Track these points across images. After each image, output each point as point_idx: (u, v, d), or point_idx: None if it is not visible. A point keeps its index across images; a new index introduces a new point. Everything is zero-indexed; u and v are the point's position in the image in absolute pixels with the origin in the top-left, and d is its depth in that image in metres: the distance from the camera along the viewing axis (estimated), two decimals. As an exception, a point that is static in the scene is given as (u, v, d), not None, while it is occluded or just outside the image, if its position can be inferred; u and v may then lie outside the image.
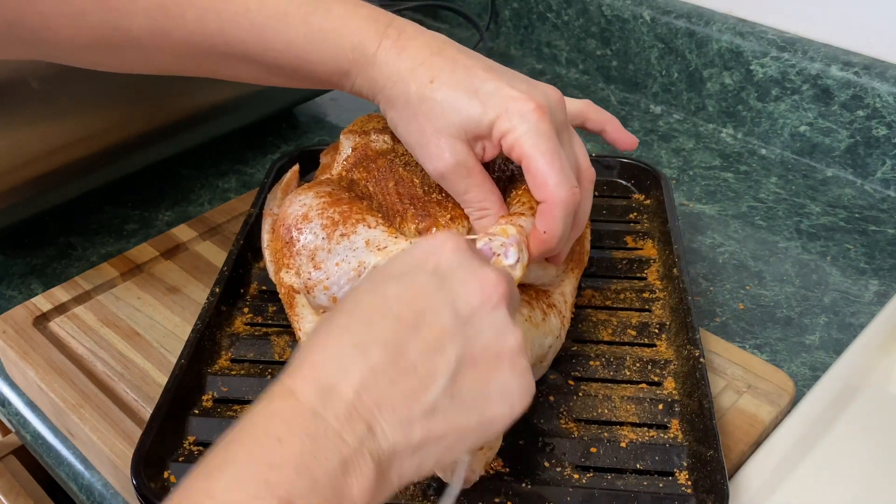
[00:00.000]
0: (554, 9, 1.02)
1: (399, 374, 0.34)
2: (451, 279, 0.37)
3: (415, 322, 0.35)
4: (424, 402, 0.34)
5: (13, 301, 0.70)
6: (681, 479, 0.49)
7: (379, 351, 0.34)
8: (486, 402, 0.36)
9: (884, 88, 0.78)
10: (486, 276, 0.37)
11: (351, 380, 0.33)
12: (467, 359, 0.35)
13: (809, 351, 0.64)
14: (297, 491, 0.30)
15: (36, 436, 0.61)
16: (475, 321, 0.36)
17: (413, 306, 0.35)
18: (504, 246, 0.45)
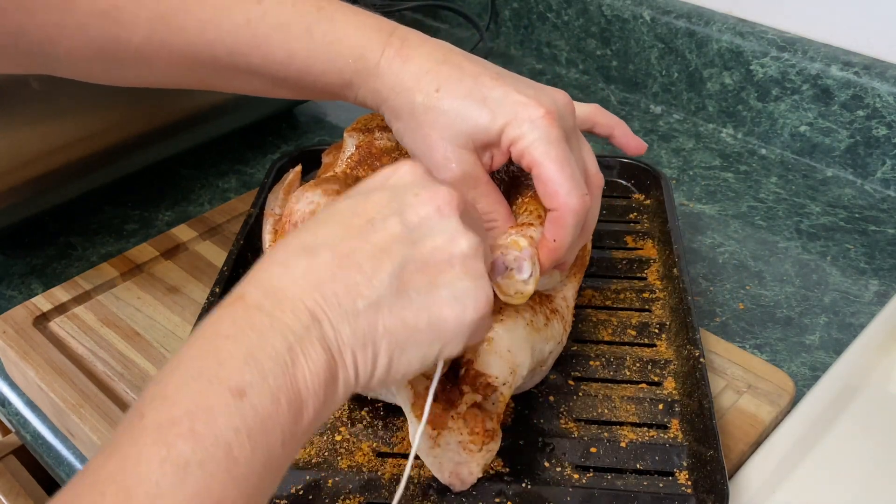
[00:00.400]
0: (554, 9, 1.02)
1: (344, 270, 0.34)
2: (402, 192, 0.38)
3: (362, 227, 0.36)
4: (368, 295, 0.34)
5: (13, 301, 0.70)
6: (681, 479, 0.49)
7: (325, 251, 0.35)
8: (436, 302, 0.36)
9: (884, 88, 0.78)
10: (437, 189, 0.38)
11: (295, 276, 0.34)
12: (415, 259, 0.36)
13: (809, 351, 0.64)
14: (246, 380, 0.31)
15: (36, 436, 0.61)
16: (424, 228, 0.37)
17: (362, 215, 0.37)
18: (517, 260, 0.45)
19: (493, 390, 0.47)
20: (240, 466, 0.30)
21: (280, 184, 0.67)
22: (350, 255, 0.35)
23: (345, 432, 0.52)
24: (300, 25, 0.47)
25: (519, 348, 0.48)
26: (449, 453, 0.47)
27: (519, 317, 0.49)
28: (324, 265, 0.35)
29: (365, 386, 0.36)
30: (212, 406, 0.30)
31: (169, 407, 0.30)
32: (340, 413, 0.53)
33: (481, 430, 0.46)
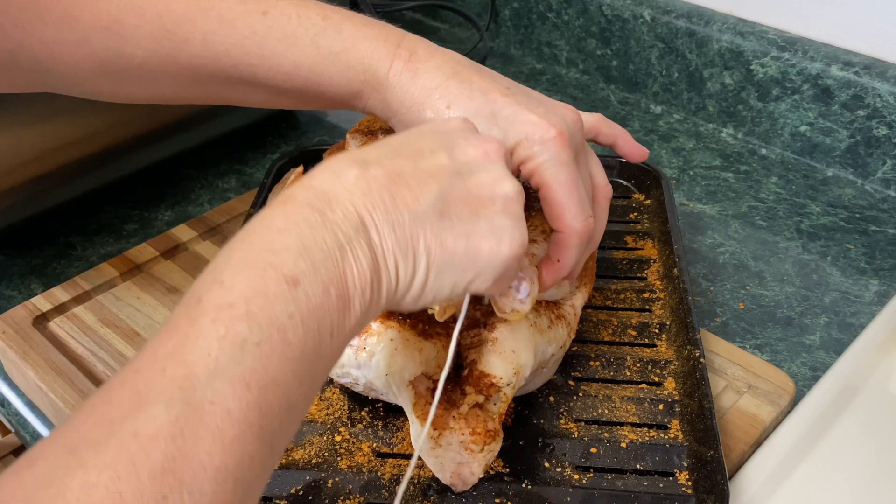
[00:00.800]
0: (554, 8, 1.02)
1: (393, 185, 0.36)
2: (452, 134, 0.39)
3: (413, 154, 0.37)
4: (414, 210, 0.36)
5: (13, 301, 0.70)
6: (681, 480, 0.49)
7: (376, 166, 0.36)
8: (475, 231, 0.37)
9: (884, 88, 0.78)
10: (486, 137, 0.40)
11: (347, 183, 0.35)
12: (460, 188, 0.37)
13: (810, 351, 0.64)
14: (300, 269, 0.32)
15: (36, 436, 0.61)
16: (472, 165, 0.38)
17: (414, 146, 0.38)
18: (517, 279, 0.46)
19: (497, 391, 0.47)
20: (293, 349, 0.31)
21: (281, 184, 0.67)
22: (400, 172, 0.36)
23: (345, 432, 0.52)
24: (306, 37, 0.47)
25: (523, 349, 0.48)
26: (450, 453, 0.47)
27: (523, 318, 0.49)
28: (374, 177, 0.36)
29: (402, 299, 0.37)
30: (267, 291, 0.31)
31: (226, 291, 0.31)
32: (340, 413, 0.53)
33: (483, 430, 0.46)
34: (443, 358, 0.50)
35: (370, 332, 0.49)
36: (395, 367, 0.47)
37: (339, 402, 0.54)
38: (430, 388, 0.49)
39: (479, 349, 0.48)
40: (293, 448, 0.51)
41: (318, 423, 0.52)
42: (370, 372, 0.49)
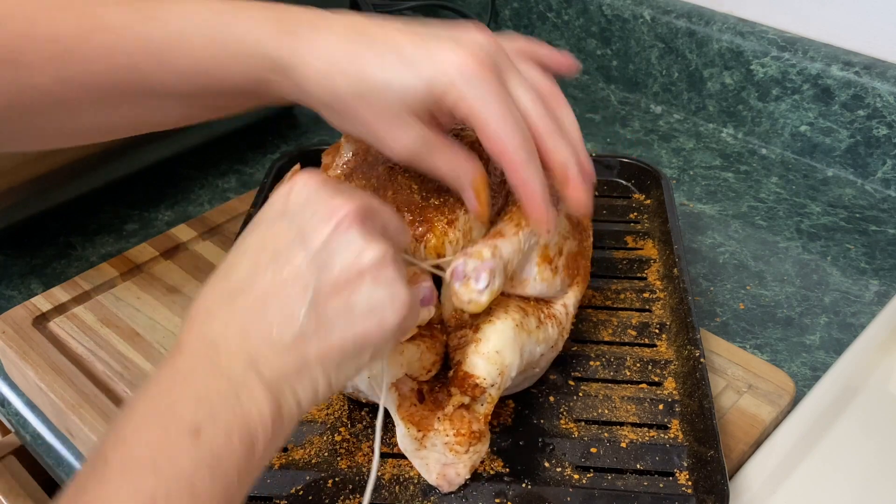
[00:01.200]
0: (554, 8, 1.02)
1: (264, 311, 0.37)
2: (300, 216, 0.39)
3: (269, 263, 0.38)
4: (291, 330, 0.36)
5: (13, 301, 0.70)
6: (681, 480, 0.49)
7: (241, 296, 0.37)
8: (354, 319, 0.38)
9: (884, 88, 0.78)
10: (332, 203, 0.39)
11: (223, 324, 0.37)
12: (327, 283, 0.37)
13: (810, 351, 0.64)
14: (200, 419, 0.33)
15: (36, 436, 0.61)
16: (328, 248, 0.38)
17: (267, 249, 0.38)
18: (476, 270, 0.46)
19: (482, 392, 0.47)
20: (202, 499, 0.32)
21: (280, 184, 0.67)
22: (265, 295, 0.37)
23: (345, 432, 0.52)
24: (199, 32, 0.45)
25: (507, 350, 0.48)
26: (435, 454, 0.47)
27: (508, 318, 0.49)
28: (245, 310, 0.37)
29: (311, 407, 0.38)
30: (171, 444, 0.33)
31: (130, 448, 0.33)
32: (340, 413, 0.53)
33: (467, 431, 0.46)
34: (428, 360, 0.50)
35: None
36: (377, 370, 0.48)
37: (339, 403, 0.54)
38: (414, 390, 0.49)
39: (464, 350, 0.48)
40: (293, 448, 0.51)
41: (318, 423, 0.52)
42: None
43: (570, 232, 0.54)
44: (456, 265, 0.46)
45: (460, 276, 0.46)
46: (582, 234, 0.57)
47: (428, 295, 0.46)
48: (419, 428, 0.47)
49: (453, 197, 0.53)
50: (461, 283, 0.46)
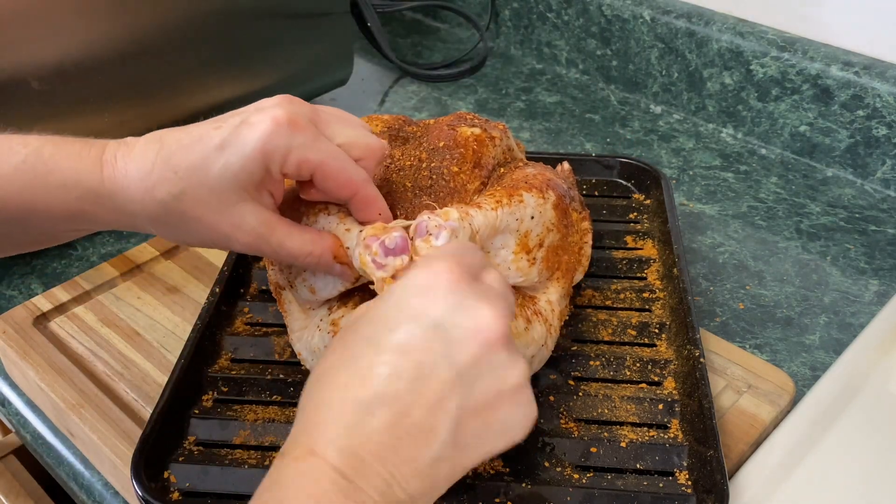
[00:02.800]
0: (554, 9, 1.02)
1: (404, 432, 0.35)
2: (447, 328, 0.36)
3: (413, 377, 0.35)
4: (429, 455, 0.35)
5: (13, 301, 0.70)
6: (681, 479, 0.49)
7: (383, 410, 0.35)
8: (488, 441, 0.37)
9: (884, 88, 0.78)
10: (482, 318, 0.37)
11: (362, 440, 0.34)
12: (468, 408, 0.36)
13: (809, 351, 0.64)
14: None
15: (36, 436, 0.61)
16: (474, 369, 0.36)
17: (411, 357, 0.36)
18: (438, 227, 0.45)
19: None
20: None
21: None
22: (406, 412, 0.35)
23: (345, 432, 0.52)
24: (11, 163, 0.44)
25: None
26: None
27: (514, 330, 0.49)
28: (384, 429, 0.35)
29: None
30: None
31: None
32: (340, 413, 0.53)
33: None
34: None
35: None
36: None
37: (340, 402, 0.54)
38: None
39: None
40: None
41: (318, 423, 0.52)
42: None
43: (555, 224, 0.53)
44: (420, 220, 0.46)
45: (423, 231, 0.46)
46: (569, 229, 0.56)
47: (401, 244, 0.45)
48: None
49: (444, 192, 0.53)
50: (422, 240, 0.46)
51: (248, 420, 0.52)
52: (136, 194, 0.44)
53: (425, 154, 0.55)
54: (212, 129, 0.44)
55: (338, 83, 0.93)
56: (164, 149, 0.44)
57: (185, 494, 0.48)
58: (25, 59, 0.64)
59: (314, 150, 0.44)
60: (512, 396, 0.37)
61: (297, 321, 0.53)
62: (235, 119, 0.44)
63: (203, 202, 0.44)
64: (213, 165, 0.43)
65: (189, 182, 0.43)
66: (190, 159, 0.43)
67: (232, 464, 0.50)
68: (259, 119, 0.43)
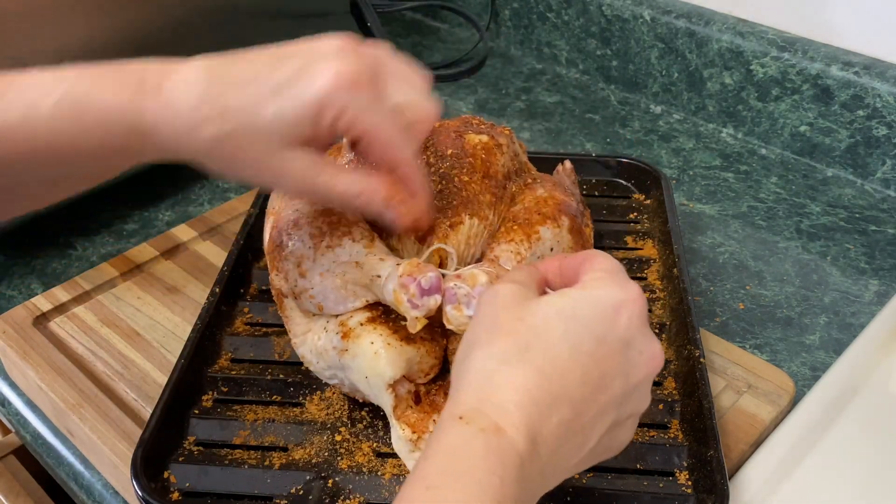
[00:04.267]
0: (554, 9, 1.02)
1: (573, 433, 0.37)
2: (632, 347, 0.39)
3: (596, 385, 0.38)
4: (578, 457, 0.38)
5: (13, 301, 0.70)
6: (681, 479, 0.49)
7: (567, 408, 0.37)
8: (606, 452, 0.40)
9: (884, 88, 0.78)
10: (655, 349, 0.40)
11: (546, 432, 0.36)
12: (615, 424, 0.39)
13: (809, 351, 0.64)
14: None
15: (36, 436, 0.61)
16: (637, 391, 0.40)
17: (599, 368, 0.38)
18: (468, 297, 0.46)
19: None
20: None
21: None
22: (582, 414, 0.37)
23: (345, 432, 0.52)
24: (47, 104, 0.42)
25: None
26: None
27: None
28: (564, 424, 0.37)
29: None
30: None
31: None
32: (340, 413, 0.53)
33: None
34: (428, 363, 0.50)
35: (353, 334, 0.49)
36: (376, 371, 0.48)
37: (340, 402, 0.54)
38: (411, 392, 0.49)
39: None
40: (293, 448, 0.51)
41: (318, 423, 0.52)
42: (352, 374, 0.49)
43: (571, 247, 0.55)
44: (449, 287, 0.47)
45: (452, 299, 0.47)
46: (584, 245, 0.57)
47: (435, 283, 0.46)
48: (414, 430, 0.47)
49: (456, 200, 0.53)
50: (453, 307, 0.47)
51: (248, 420, 0.52)
52: (182, 129, 0.42)
53: (433, 158, 0.55)
54: (268, 68, 0.42)
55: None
56: (214, 85, 0.42)
57: (185, 494, 0.48)
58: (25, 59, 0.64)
59: (368, 115, 0.42)
60: (633, 420, 0.41)
61: (300, 326, 0.53)
62: (295, 62, 0.42)
63: (251, 144, 0.43)
64: (266, 110, 0.42)
65: (239, 122, 0.42)
66: (241, 100, 0.42)
67: (232, 464, 0.50)
68: (321, 70, 0.41)
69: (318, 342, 0.51)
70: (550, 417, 0.36)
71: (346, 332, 0.49)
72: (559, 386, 0.37)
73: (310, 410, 0.53)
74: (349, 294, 0.50)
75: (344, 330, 0.50)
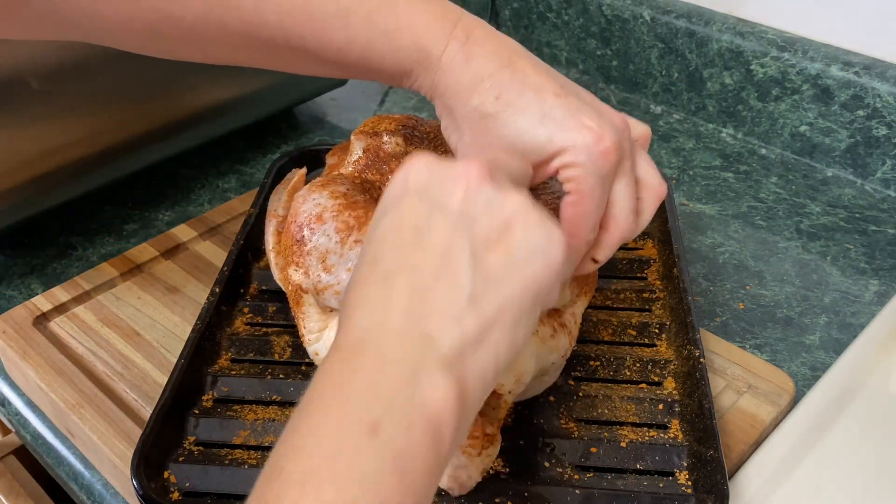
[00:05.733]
0: (554, 9, 1.02)
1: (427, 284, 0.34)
2: (428, 189, 0.37)
3: (413, 239, 0.35)
4: (462, 294, 0.34)
5: (13, 301, 0.70)
6: (681, 479, 0.49)
7: (395, 277, 0.34)
8: (518, 266, 0.35)
9: (884, 88, 0.78)
10: (456, 170, 0.37)
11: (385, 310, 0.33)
12: (479, 241, 0.35)
13: (809, 351, 0.64)
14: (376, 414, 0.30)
15: (36, 436, 0.61)
16: (467, 209, 0.36)
17: (406, 228, 0.36)
18: None
19: (498, 397, 0.47)
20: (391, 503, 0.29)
21: (283, 184, 0.67)
22: (421, 269, 0.34)
23: (345, 432, 0.52)
24: (360, 12, 0.45)
25: (525, 358, 0.48)
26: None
27: None
28: (404, 289, 0.34)
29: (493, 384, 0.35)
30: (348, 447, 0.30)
31: (306, 457, 0.30)
32: (340, 413, 0.53)
33: (481, 434, 0.46)
34: None
35: None
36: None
37: (340, 402, 0.54)
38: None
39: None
40: (293, 448, 0.51)
41: (318, 423, 0.52)
42: None
43: None
44: None
45: None
46: None
47: None
48: None
49: None
50: None
51: (248, 420, 0.52)
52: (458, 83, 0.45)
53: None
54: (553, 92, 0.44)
55: (338, 83, 0.93)
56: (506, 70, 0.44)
57: (185, 494, 0.48)
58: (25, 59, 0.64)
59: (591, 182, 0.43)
60: (520, 222, 0.36)
61: (316, 322, 0.53)
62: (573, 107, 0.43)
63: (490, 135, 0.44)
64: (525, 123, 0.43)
65: (499, 115, 0.44)
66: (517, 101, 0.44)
67: (232, 464, 0.50)
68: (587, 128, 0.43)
69: None
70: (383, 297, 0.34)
71: None
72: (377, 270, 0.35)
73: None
74: None
75: None
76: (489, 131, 0.45)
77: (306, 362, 0.56)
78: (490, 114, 0.44)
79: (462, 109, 0.45)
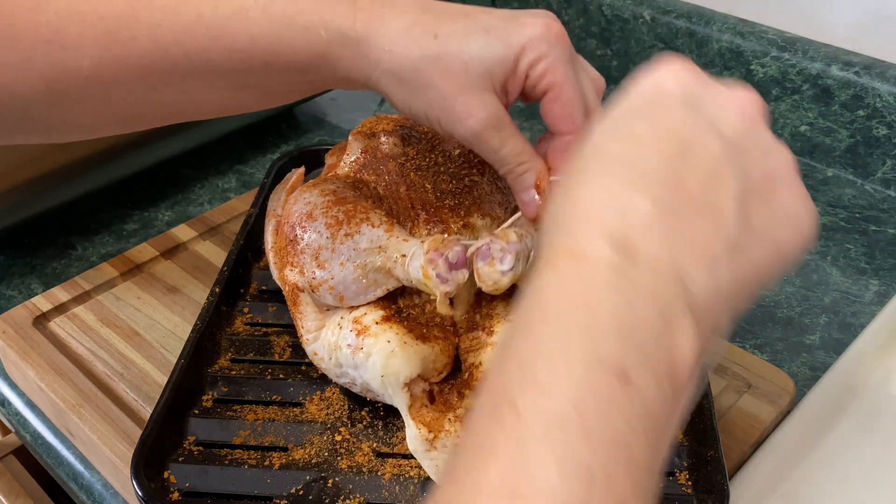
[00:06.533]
0: (554, 9, 1.02)
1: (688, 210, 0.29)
2: (703, 104, 0.32)
3: (681, 152, 0.30)
4: (725, 237, 0.29)
5: (13, 301, 0.70)
6: (681, 479, 0.49)
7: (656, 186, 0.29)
8: (777, 228, 0.31)
9: (884, 88, 0.78)
10: (738, 95, 0.33)
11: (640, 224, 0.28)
12: (749, 186, 0.30)
13: (810, 351, 0.64)
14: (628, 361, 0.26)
15: (36, 436, 0.61)
16: (744, 142, 0.31)
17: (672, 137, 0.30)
18: (503, 251, 0.46)
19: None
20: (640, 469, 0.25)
21: (282, 184, 0.67)
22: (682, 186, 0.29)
23: (345, 432, 0.52)
24: (255, 7, 0.43)
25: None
26: (445, 456, 0.47)
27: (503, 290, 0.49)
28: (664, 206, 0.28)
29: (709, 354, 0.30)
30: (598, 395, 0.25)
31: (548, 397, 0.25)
32: (340, 413, 0.53)
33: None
34: (441, 362, 0.50)
35: (368, 332, 0.49)
36: (392, 370, 0.48)
37: (340, 402, 0.54)
38: (426, 391, 0.49)
39: (478, 353, 0.48)
40: (293, 448, 0.51)
41: (318, 423, 0.52)
42: (366, 373, 0.49)
43: None
44: (482, 245, 0.46)
45: (486, 255, 0.46)
46: None
47: (461, 258, 0.46)
48: (430, 429, 0.47)
49: (468, 200, 0.54)
50: (486, 263, 0.46)
51: (248, 420, 0.52)
52: (388, 44, 0.43)
53: (441, 158, 0.55)
54: (480, 12, 0.44)
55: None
56: (430, 11, 0.44)
57: (185, 494, 0.48)
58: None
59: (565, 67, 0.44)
60: (787, 180, 0.32)
61: (314, 322, 0.53)
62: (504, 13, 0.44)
63: (452, 74, 0.43)
64: (475, 43, 0.43)
65: (447, 49, 0.43)
66: (455, 29, 0.43)
67: (232, 464, 0.50)
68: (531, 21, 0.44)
69: (332, 339, 0.51)
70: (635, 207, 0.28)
71: (361, 329, 0.49)
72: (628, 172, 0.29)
73: (310, 410, 0.53)
74: (370, 283, 0.50)
75: (359, 328, 0.49)
76: (448, 71, 0.43)
77: (306, 362, 0.56)
78: (438, 54, 0.43)
79: (408, 65, 0.44)
